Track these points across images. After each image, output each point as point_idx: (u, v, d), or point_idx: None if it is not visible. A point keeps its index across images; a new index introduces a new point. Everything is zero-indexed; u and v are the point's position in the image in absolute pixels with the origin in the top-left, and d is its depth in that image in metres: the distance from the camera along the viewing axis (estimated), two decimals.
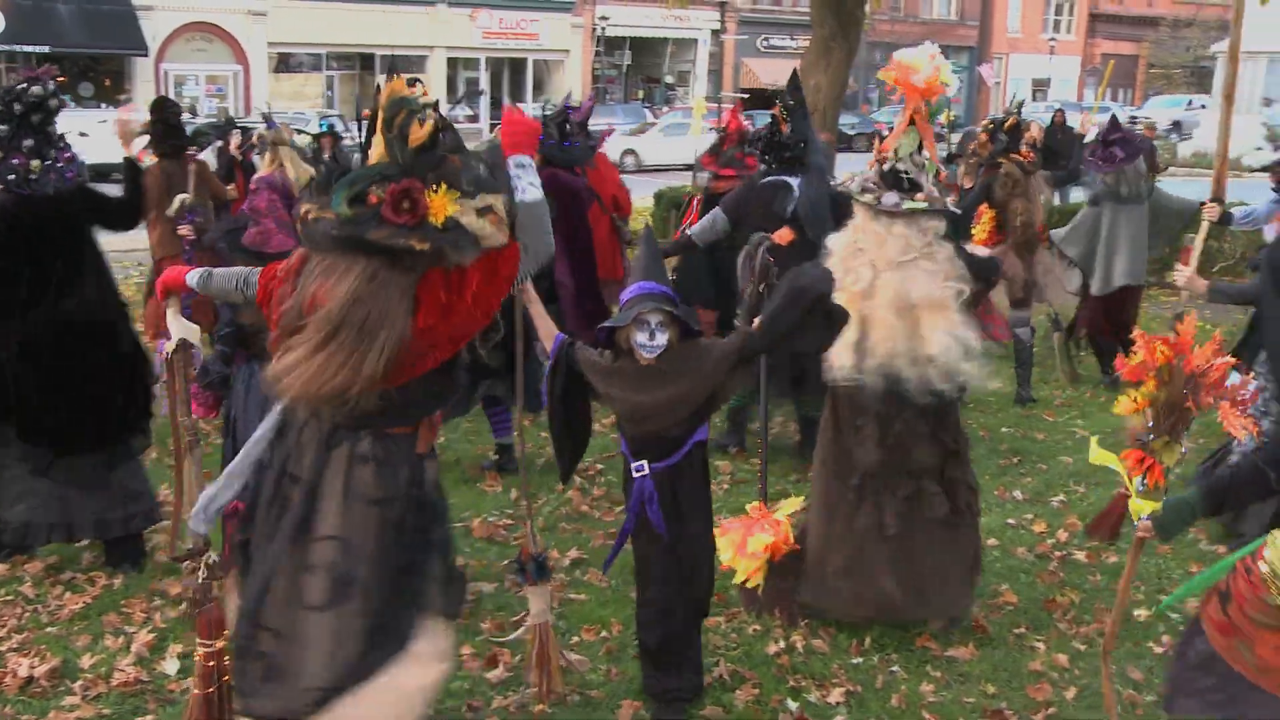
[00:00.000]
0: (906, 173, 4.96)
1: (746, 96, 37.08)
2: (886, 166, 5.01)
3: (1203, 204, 7.98)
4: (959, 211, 5.22)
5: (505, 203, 3.51)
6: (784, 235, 5.62)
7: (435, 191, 3.34)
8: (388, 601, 3.59)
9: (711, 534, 4.56)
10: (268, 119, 9.27)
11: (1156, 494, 3.63)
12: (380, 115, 3.41)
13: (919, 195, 4.94)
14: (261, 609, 3.60)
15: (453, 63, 43.59)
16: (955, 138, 16.08)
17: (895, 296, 4.93)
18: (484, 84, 43.20)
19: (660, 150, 33.23)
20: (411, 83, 3.49)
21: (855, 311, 4.78)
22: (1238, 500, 3.67)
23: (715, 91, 40.82)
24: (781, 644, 5.12)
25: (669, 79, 50.89)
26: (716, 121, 15.49)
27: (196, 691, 4.06)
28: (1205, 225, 7.28)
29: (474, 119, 40.34)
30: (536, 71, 45.77)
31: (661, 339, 4.13)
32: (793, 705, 4.64)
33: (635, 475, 4.35)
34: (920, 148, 5.01)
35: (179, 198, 8.44)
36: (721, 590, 5.50)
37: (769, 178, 7.34)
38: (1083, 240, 9.22)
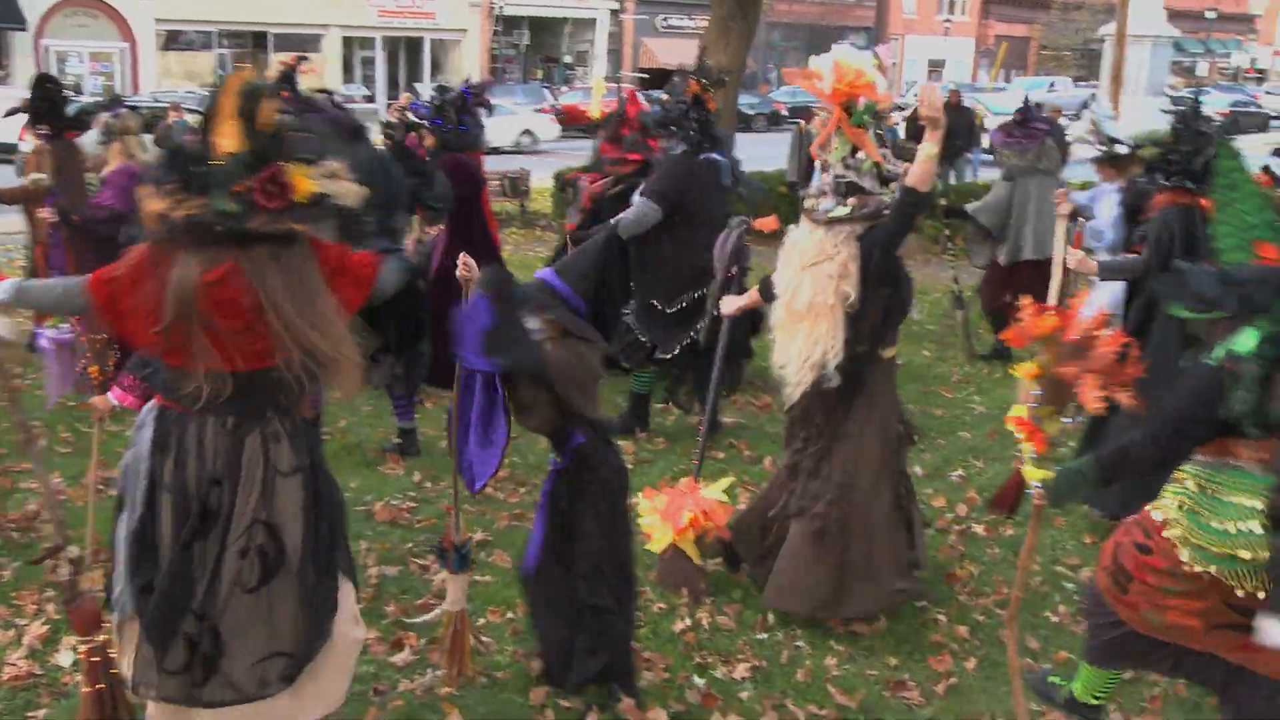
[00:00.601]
0: (842, 178, 4.96)
1: (646, 76, 37.14)
2: (830, 175, 5.00)
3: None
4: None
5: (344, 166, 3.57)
6: (769, 223, 5.62)
7: (290, 169, 3.39)
8: (319, 572, 3.60)
9: (604, 540, 4.38)
10: (116, 104, 8.99)
11: (1048, 462, 3.69)
12: (228, 103, 3.38)
13: (853, 200, 4.93)
14: (192, 602, 3.50)
15: (348, 42, 42.98)
16: None
17: (790, 301, 5.02)
18: (379, 63, 42.66)
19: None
20: (301, 60, 3.49)
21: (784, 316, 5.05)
22: (1131, 472, 3.74)
23: (614, 71, 40.81)
24: (687, 621, 5.14)
25: (568, 59, 50.70)
26: (614, 102, 15.42)
27: (85, 689, 3.99)
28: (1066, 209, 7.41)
29: (370, 99, 39.81)
30: (434, 51, 45.29)
31: (532, 323, 4.18)
32: (699, 682, 4.66)
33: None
34: (854, 151, 4.98)
35: (32, 177, 8.14)
36: None
37: (701, 156, 7.35)
38: (996, 213, 9.40)
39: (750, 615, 5.22)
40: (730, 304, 5.69)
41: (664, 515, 5.28)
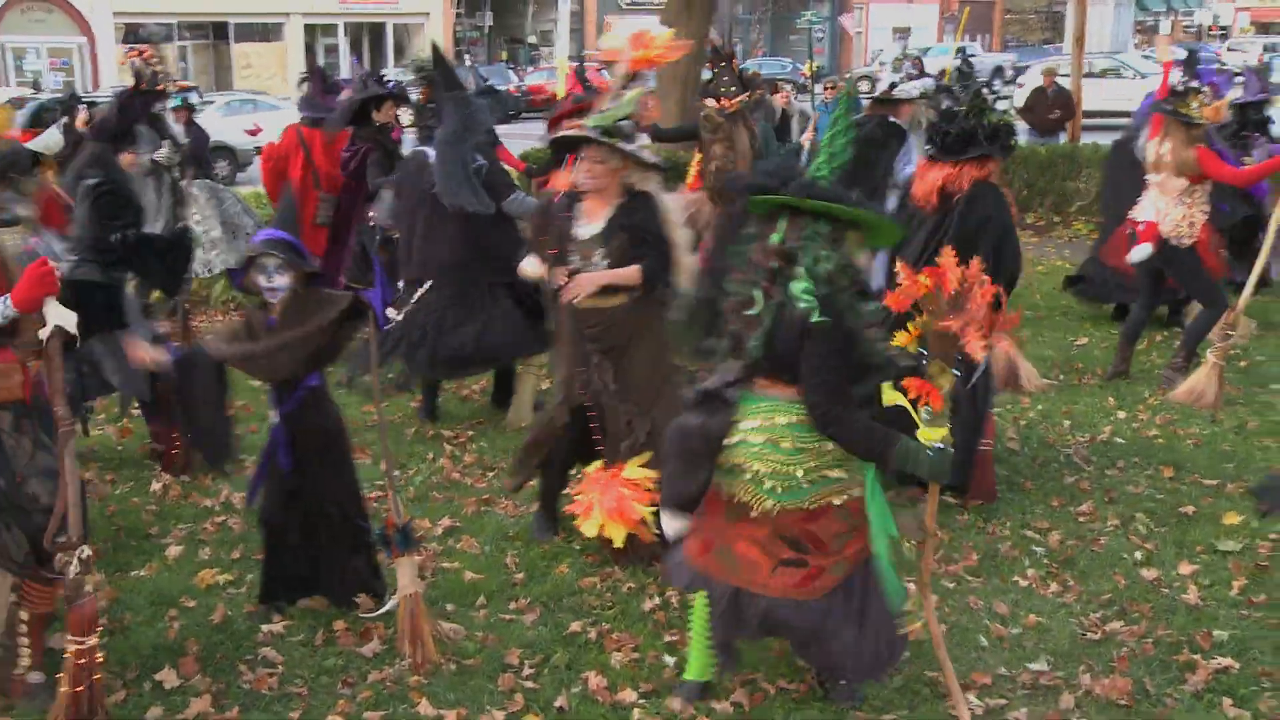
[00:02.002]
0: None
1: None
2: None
3: None
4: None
5: None
6: (564, 181, 5.60)
7: None
8: None
9: (342, 468, 4.93)
10: (75, 102, 8.92)
11: (941, 419, 3.73)
12: None
13: None
14: None
15: (310, 30, 42.61)
16: (819, 88, 16.18)
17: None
18: (344, 50, 42.25)
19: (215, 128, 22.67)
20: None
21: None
22: None
23: (579, 50, 40.61)
24: (657, 600, 5.13)
25: (532, 39, 50.40)
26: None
27: (65, 689, 3.96)
28: None
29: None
30: (397, 36, 44.98)
31: (279, 280, 4.61)
32: (670, 660, 4.65)
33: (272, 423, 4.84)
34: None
35: None
36: (595, 551, 5.50)
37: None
38: None
39: None
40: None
41: (617, 515, 5.24)
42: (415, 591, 4.51)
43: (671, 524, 4.12)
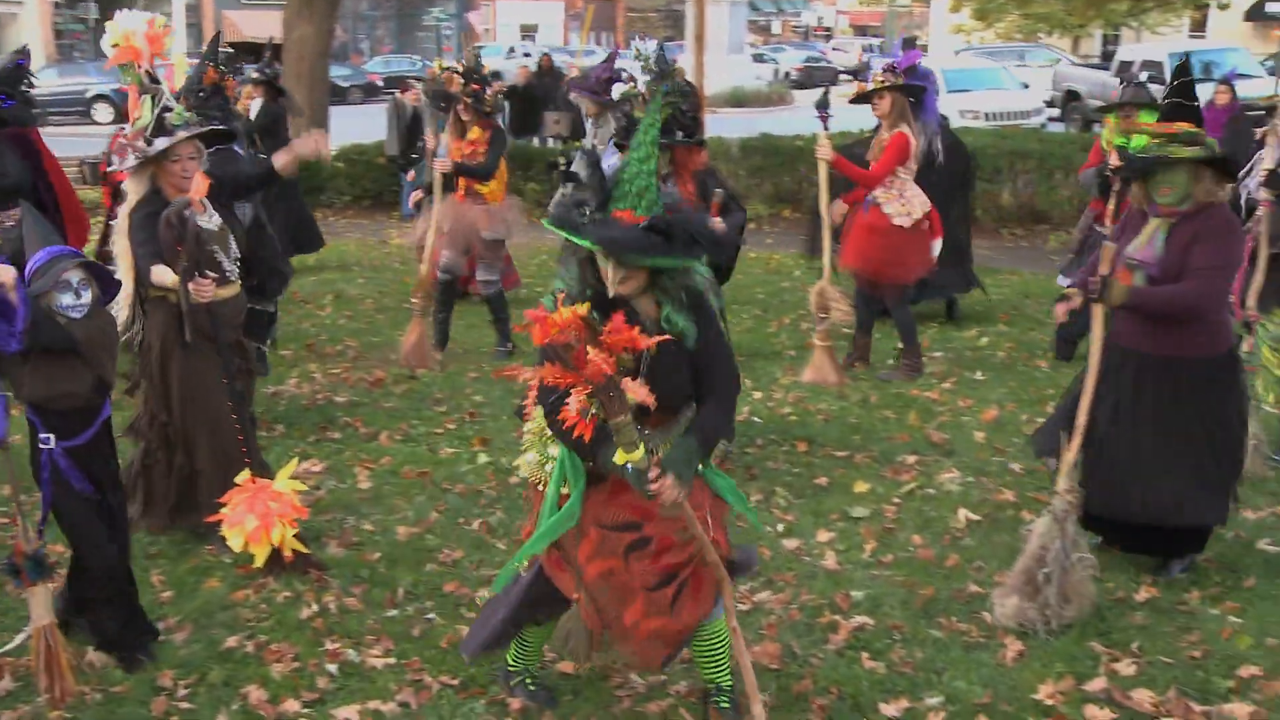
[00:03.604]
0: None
1: (231, 51, 35.72)
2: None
3: None
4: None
5: None
6: (200, 189, 5.44)
7: None
8: None
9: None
10: None
11: (629, 444, 3.49)
12: None
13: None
14: None
15: None
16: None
17: None
18: None
19: None
20: None
21: None
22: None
23: (196, 46, 38.91)
24: (314, 607, 5.01)
25: None
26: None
27: None
28: None
29: None
30: None
31: (87, 295, 4.31)
32: (332, 668, 4.55)
33: (43, 447, 4.35)
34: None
35: None
36: (246, 562, 5.31)
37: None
38: None
39: (378, 593, 5.14)
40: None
41: (260, 536, 5.08)
42: (49, 622, 4.22)
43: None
